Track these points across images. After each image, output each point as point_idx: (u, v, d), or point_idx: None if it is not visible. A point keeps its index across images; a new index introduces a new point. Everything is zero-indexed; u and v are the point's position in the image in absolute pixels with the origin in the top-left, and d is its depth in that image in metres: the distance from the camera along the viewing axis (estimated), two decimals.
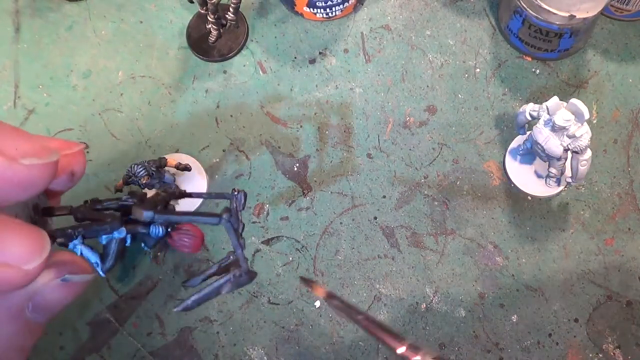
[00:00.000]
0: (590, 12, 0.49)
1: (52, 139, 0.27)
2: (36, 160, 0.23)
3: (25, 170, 0.23)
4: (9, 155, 0.22)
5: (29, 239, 0.23)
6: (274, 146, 0.55)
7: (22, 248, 0.23)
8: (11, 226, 0.23)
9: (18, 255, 0.23)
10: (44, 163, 0.24)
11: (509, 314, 0.49)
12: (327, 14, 0.57)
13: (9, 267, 0.22)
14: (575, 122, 0.44)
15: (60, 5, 0.60)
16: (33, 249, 0.23)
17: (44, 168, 0.24)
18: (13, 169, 0.23)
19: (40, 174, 0.24)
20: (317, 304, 0.50)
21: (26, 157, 0.23)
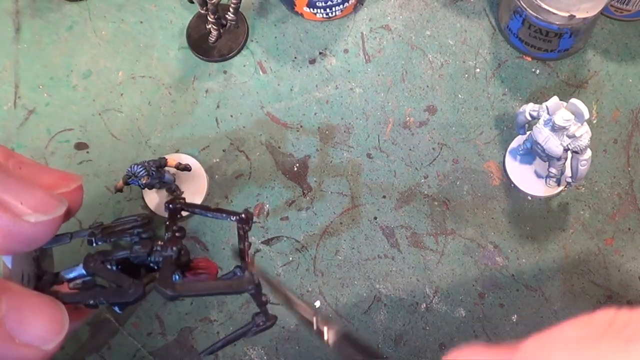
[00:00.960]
0: (590, 12, 0.49)
1: (50, 171, 0.26)
2: (43, 217, 0.23)
3: (32, 228, 0.22)
4: (15, 212, 0.22)
5: (50, 318, 0.23)
6: (274, 146, 0.55)
7: (43, 328, 0.22)
8: (31, 302, 0.23)
9: (39, 335, 0.22)
10: (51, 219, 0.23)
11: (509, 314, 0.49)
12: (327, 14, 0.57)
13: (29, 348, 0.22)
14: (575, 122, 0.44)
15: (60, 6, 0.60)
16: (54, 328, 0.23)
17: (50, 223, 0.23)
18: (19, 226, 0.22)
19: (46, 229, 0.23)
20: (317, 304, 0.50)
21: (32, 213, 0.22)
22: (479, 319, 0.49)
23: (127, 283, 0.26)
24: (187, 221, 0.53)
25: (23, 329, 0.22)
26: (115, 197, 0.53)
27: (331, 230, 0.52)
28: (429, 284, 0.50)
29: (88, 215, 0.53)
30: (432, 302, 0.50)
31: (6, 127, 0.56)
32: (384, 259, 0.51)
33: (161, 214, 0.52)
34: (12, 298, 0.22)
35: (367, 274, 0.51)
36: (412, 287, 0.50)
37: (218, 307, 0.50)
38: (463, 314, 0.50)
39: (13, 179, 0.23)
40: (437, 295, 0.50)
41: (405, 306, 0.50)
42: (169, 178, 0.50)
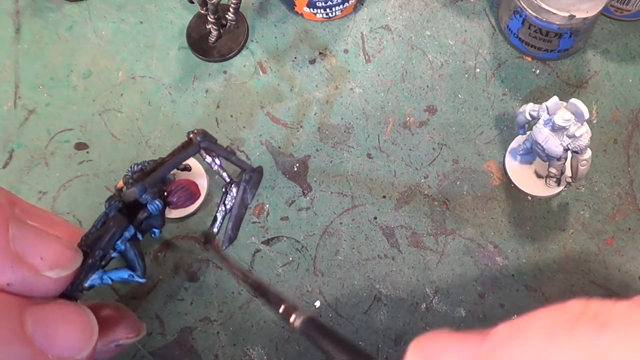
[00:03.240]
0: (590, 12, 0.49)
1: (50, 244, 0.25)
2: (62, 273, 0.23)
3: (52, 283, 0.22)
4: (35, 268, 0.22)
5: (78, 326, 0.23)
6: (274, 146, 0.55)
7: (73, 338, 0.22)
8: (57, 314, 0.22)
9: (70, 346, 0.22)
10: (69, 273, 0.23)
11: (509, 314, 0.49)
12: (327, 14, 0.57)
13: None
14: (575, 122, 0.44)
15: (61, 6, 0.60)
16: (84, 336, 0.23)
17: (68, 277, 0.23)
18: (40, 282, 0.22)
19: (65, 282, 0.23)
20: (317, 304, 0.50)
21: (52, 268, 0.22)
22: (479, 319, 0.49)
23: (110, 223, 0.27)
24: (187, 221, 0.53)
25: (54, 343, 0.21)
26: None
27: (331, 230, 0.52)
28: (429, 284, 0.50)
29: (88, 215, 0.53)
30: (432, 302, 0.50)
31: (6, 127, 0.56)
32: (384, 259, 0.51)
33: None
34: (37, 313, 0.22)
35: (367, 274, 0.51)
36: (412, 287, 0.50)
37: (218, 307, 0.50)
38: (463, 314, 0.50)
39: (32, 232, 0.22)
40: (437, 295, 0.50)
41: (405, 306, 0.50)
42: (169, 178, 0.50)
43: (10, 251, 0.21)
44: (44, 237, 0.23)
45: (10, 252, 0.21)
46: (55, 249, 0.23)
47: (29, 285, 0.22)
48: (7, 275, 0.21)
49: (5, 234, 0.21)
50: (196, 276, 0.51)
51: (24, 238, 0.22)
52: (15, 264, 0.21)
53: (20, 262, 0.21)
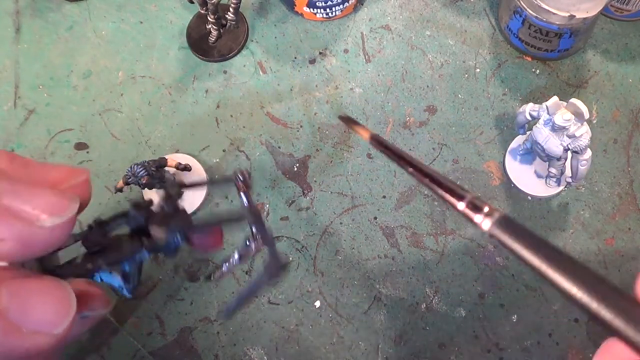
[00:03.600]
0: (590, 12, 0.49)
1: (56, 167, 0.25)
2: (58, 220, 0.22)
3: (48, 233, 0.21)
4: (28, 219, 0.21)
5: (55, 300, 0.22)
6: (274, 146, 0.55)
7: (49, 312, 0.21)
8: (33, 287, 0.22)
9: (46, 320, 0.21)
10: (66, 220, 0.22)
11: (509, 314, 0.49)
12: (327, 14, 0.57)
13: (38, 335, 0.21)
14: (575, 122, 0.44)
15: (61, 6, 0.60)
16: (61, 310, 0.22)
17: (65, 224, 0.22)
18: (35, 233, 0.21)
19: (62, 231, 0.22)
20: (317, 304, 0.50)
21: (47, 217, 0.21)
22: (479, 319, 0.49)
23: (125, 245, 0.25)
24: None
25: (28, 317, 0.21)
26: (115, 197, 0.53)
27: (331, 230, 0.52)
28: (429, 284, 0.50)
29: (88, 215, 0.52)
30: (432, 302, 0.50)
31: (6, 127, 0.56)
32: (384, 259, 0.51)
33: None
34: (12, 285, 0.21)
35: (367, 274, 0.51)
36: (412, 287, 0.50)
37: (218, 307, 0.50)
38: (463, 314, 0.50)
39: (22, 184, 0.22)
40: (437, 295, 0.50)
41: (405, 306, 0.50)
42: (169, 178, 0.50)
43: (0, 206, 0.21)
44: (37, 187, 0.22)
45: (0, 206, 0.21)
46: (48, 198, 0.22)
47: (25, 238, 0.21)
48: (0, 231, 0.20)
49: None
50: (196, 276, 0.51)
51: (13, 192, 0.21)
52: (4, 216, 0.21)
53: (11, 215, 0.21)
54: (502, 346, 0.49)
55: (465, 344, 0.49)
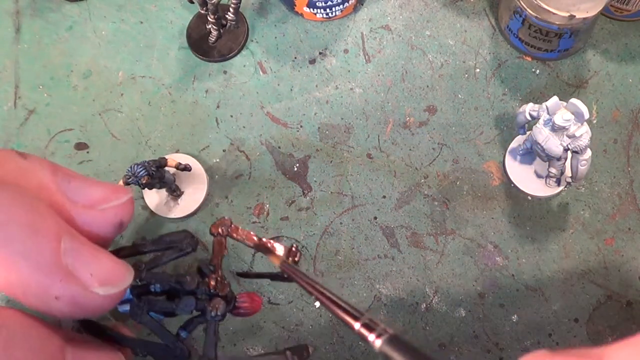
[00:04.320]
0: (590, 12, 0.49)
1: (99, 185, 0.25)
2: (111, 290, 0.22)
3: (101, 300, 0.22)
4: (85, 283, 0.22)
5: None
6: (274, 146, 0.55)
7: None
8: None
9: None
10: (119, 291, 0.23)
11: (509, 314, 0.49)
12: (327, 14, 0.57)
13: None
14: (575, 122, 0.44)
15: (61, 6, 0.60)
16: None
17: (118, 294, 0.23)
18: (87, 298, 0.22)
19: (114, 299, 0.23)
20: (317, 304, 0.50)
21: (102, 285, 0.22)
22: (479, 319, 0.49)
23: (172, 342, 0.26)
24: (187, 221, 0.53)
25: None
26: None
27: (331, 230, 0.52)
28: (429, 284, 0.50)
29: None
30: (432, 302, 0.50)
31: (6, 127, 0.56)
32: (384, 259, 0.51)
33: (161, 214, 0.52)
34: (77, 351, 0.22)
35: (367, 274, 0.51)
36: (412, 287, 0.50)
37: None
38: (463, 314, 0.50)
39: (84, 246, 0.22)
40: (437, 295, 0.50)
41: (405, 306, 0.50)
42: (169, 178, 0.50)
43: (61, 265, 0.21)
44: (96, 252, 0.23)
45: (61, 266, 0.21)
46: (107, 266, 0.23)
47: (77, 300, 0.22)
48: (56, 289, 0.21)
49: (57, 247, 0.21)
50: None
51: (76, 253, 0.22)
52: (64, 277, 0.21)
53: (70, 277, 0.21)
54: (502, 346, 0.49)
55: (465, 344, 0.49)
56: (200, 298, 0.28)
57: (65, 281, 0.21)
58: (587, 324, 0.49)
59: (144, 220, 0.53)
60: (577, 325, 0.49)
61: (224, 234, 0.30)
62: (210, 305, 0.28)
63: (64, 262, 0.21)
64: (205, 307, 0.28)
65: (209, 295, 0.28)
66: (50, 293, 0.21)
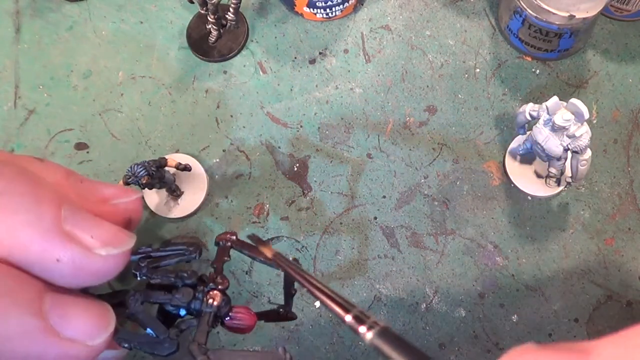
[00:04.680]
0: (590, 12, 0.49)
1: (109, 185, 0.26)
2: (113, 251, 0.23)
3: (102, 261, 0.23)
4: (86, 245, 0.22)
5: (94, 313, 0.23)
6: (274, 146, 0.55)
7: (87, 323, 0.23)
8: (76, 299, 0.23)
9: (83, 330, 0.22)
10: (121, 252, 0.23)
11: (509, 314, 0.49)
12: (327, 14, 0.57)
13: (73, 343, 0.22)
14: (575, 122, 0.44)
15: (61, 6, 0.60)
16: (99, 323, 0.23)
17: (120, 256, 0.23)
18: (90, 259, 0.22)
19: (116, 262, 0.23)
20: (317, 304, 0.50)
21: (103, 246, 0.23)
22: (479, 319, 0.49)
23: (162, 335, 0.26)
24: (187, 221, 0.53)
25: (67, 323, 0.22)
26: None
27: (331, 230, 0.52)
28: (429, 284, 0.50)
29: None
30: (432, 302, 0.50)
31: (6, 127, 0.56)
32: (384, 259, 0.51)
33: (161, 214, 0.52)
34: (57, 294, 0.22)
35: (367, 274, 0.51)
36: (412, 287, 0.50)
37: None
38: (463, 314, 0.50)
39: (83, 213, 0.23)
40: (437, 295, 0.50)
41: (405, 306, 0.50)
42: (169, 178, 0.50)
43: (61, 229, 0.22)
44: (96, 220, 0.23)
45: (61, 230, 0.22)
46: (107, 229, 0.23)
47: (79, 262, 0.22)
48: (57, 251, 0.22)
49: (58, 214, 0.22)
50: None
51: (76, 219, 0.22)
52: (65, 240, 0.22)
53: (70, 239, 0.22)
54: (502, 346, 0.49)
55: (465, 344, 0.49)
56: (199, 291, 0.28)
57: (65, 243, 0.22)
58: (587, 324, 0.49)
59: (144, 220, 0.53)
60: (577, 325, 0.49)
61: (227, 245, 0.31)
62: (208, 296, 0.28)
63: (65, 227, 0.22)
64: (202, 300, 0.28)
65: (208, 290, 0.28)
66: (51, 256, 0.21)
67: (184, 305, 0.27)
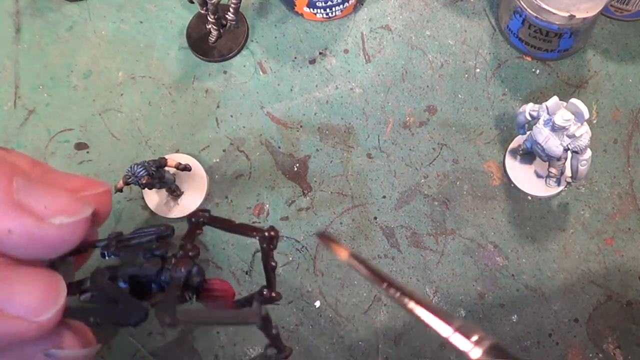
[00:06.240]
0: (590, 12, 0.49)
1: (76, 177, 0.25)
2: (67, 219, 0.21)
3: (56, 230, 0.21)
4: (38, 215, 0.21)
5: (42, 287, 0.21)
6: (274, 146, 0.55)
7: (34, 298, 0.21)
8: (21, 272, 0.21)
9: (29, 306, 0.21)
10: (76, 221, 0.22)
11: (509, 314, 0.49)
12: (327, 14, 0.57)
13: (18, 320, 0.20)
14: (575, 122, 0.44)
15: (61, 6, 0.60)
16: (46, 298, 0.21)
17: (75, 226, 0.22)
18: (43, 229, 0.21)
19: (71, 232, 0.22)
20: (317, 304, 0.50)
21: (56, 215, 0.21)
22: (479, 319, 0.49)
23: (130, 304, 0.24)
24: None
25: (11, 300, 0.20)
26: (115, 197, 0.53)
27: (331, 230, 0.52)
28: (429, 284, 0.50)
29: None
30: (432, 302, 0.50)
31: (6, 127, 0.56)
32: (384, 259, 0.51)
33: (161, 214, 0.52)
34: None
35: None
36: (412, 287, 0.50)
37: None
38: (463, 314, 0.50)
39: (36, 184, 0.22)
40: (437, 295, 0.50)
41: None
42: (169, 178, 0.50)
43: (12, 200, 0.21)
44: (51, 188, 0.22)
45: (13, 201, 0.21)
46: (61, 199, 0.22)
47: (32, 232, 0.21)
48: (8, 222, 0.21)
49: (9, 185, 0.21)
50: None
51: (28, 189, 0.21)
52: (16, 210, 0.21)
53: (22, 210, 0.21)
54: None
55: None
56: (168, 263, 0.26)
57: (17, 213, 0.21)
58: (587, 324, 0.49)
59: (144, 220, 0.53)
60: (577, 325, 0.49)
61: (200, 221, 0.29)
62: (176, 263, 0.25)
63: (16, 198, 0.21)
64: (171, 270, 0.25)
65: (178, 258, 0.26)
66: (2, 227, 0.20)
67: (152, 275, 0.25)
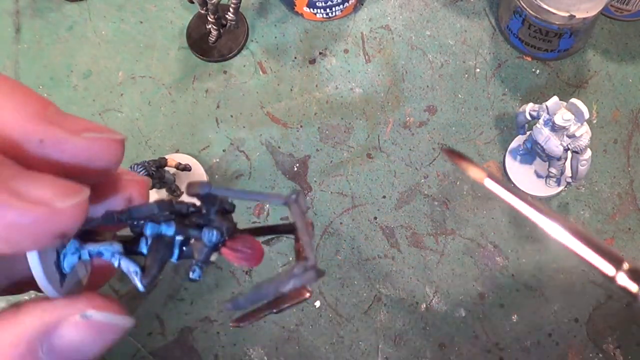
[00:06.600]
0: (590, 12, 0.49)
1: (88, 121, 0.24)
2: (97, 134, 0.20)
3: (87, 143, 0.20)
4: (69, 128, 0.20)
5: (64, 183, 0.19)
6: (274, 146, 0.55)
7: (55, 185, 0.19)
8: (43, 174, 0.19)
9: (50, 190, 0.19)
10: (107, 138, 0.21)
11: (509, 314, 0.49)
12: (327, 14, 0.57)
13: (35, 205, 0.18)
14: (575, 122, 0.44)
15: (61, 6, 0.60)
16: (68, 188, 0.19)
17: (106, 143, 0.21)
18: (73, 142, 0.20)
19: (102, 148, 0.21)
20: (317, 304, 0.50)
21: (86, 131, 0.20)
22: (479, 319, 0.49)
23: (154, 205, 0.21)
24: None
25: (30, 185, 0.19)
26: None
27: (331, 230, 0.52)
28: (429, 284, 0.50)
29: None
30: (432, 302, 0.50)
31: None
32: (384, 259, 0.51)
33: None
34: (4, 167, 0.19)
35: (367, 274, 0.51)
36: (412, 287, 0.50)
37: (218, 307, 0.50)
38: (463, 314, 0.50)
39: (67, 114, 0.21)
40: (437, 295, 0.50)
41: (405, 306, 0.50)
42: (169, 178, 0.50)
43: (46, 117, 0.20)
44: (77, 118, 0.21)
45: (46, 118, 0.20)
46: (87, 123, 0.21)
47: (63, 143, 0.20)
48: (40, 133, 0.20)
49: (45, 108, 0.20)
50: None
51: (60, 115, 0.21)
52: (49, 125, 0.20)
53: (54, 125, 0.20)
54: (502, 346, 0.49)
55: (465, 344, 0.49)
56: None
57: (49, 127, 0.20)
58: (587, 324, 0.49)
59: None
60: (577, 325, 0.49)
61: None
62: None
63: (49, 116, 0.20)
64: None
65: None
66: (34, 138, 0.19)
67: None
